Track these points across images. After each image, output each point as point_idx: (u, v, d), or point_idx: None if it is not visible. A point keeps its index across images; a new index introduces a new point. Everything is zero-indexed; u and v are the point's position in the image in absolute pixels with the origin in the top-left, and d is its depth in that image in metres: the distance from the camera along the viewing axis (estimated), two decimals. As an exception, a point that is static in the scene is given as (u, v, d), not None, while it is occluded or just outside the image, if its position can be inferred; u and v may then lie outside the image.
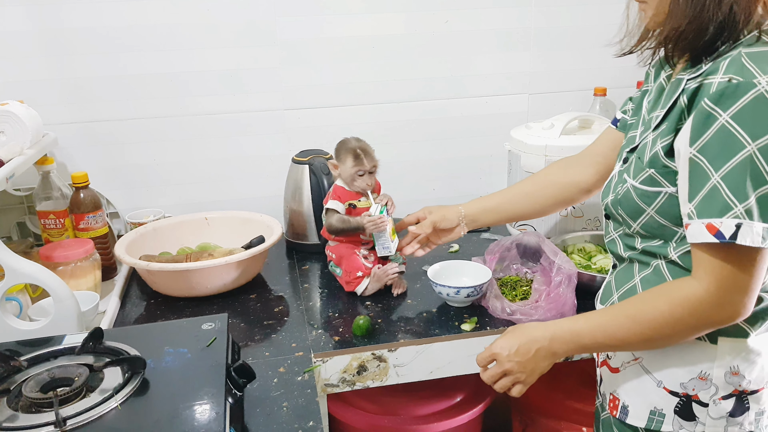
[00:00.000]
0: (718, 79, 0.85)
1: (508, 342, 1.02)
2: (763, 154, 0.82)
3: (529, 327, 1.04)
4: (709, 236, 0.85)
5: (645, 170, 0.97)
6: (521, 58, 1.83)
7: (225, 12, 1.64)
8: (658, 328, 0.92)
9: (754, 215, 0.83)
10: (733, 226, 0.83)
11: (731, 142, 0.83)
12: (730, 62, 0.85)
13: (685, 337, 0.94)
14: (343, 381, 1.21)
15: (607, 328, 0.96)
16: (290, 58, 1.71)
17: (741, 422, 0.99)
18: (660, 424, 1.01)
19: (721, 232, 0.84)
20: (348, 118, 1.79)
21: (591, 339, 0.97)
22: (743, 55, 0.85)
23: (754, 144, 0.82)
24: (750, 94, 0.82)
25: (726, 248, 0.85)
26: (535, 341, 1.00)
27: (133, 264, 1.38)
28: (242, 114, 1.74)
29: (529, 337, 1.01)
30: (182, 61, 1.66)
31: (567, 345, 0.99)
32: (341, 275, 1.43)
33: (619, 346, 0.99)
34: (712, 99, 0.85)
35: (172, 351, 1.00)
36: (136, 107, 1.68)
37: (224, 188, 1.79)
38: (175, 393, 0.90)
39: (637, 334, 0.94)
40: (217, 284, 1.40)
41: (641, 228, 1.00)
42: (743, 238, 0.83)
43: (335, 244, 1.44)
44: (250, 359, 1.15)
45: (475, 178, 1.94)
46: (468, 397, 1.58)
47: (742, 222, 0.83)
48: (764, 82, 0.82)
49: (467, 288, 1.31)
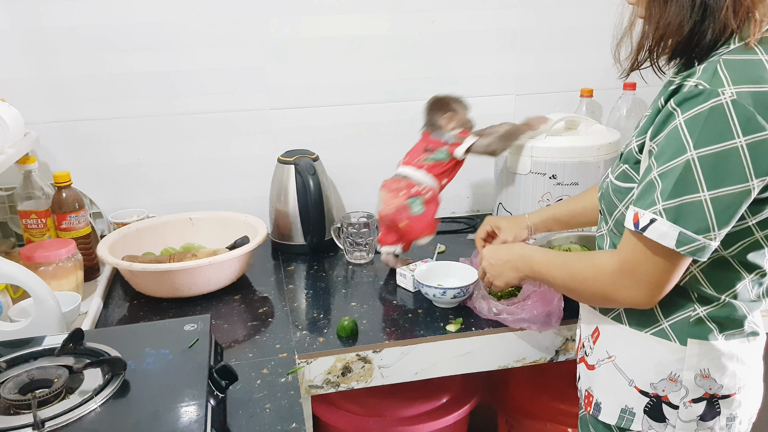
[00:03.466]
0: (691, 82, 0.86)
1: (494, 249, 1.23)
2: (701, 163, 0.83)
3: (514, 245, 1.28)
4: (631, 223, 0.90)
5: (620, 166, 1.00)
6: (508, 59, 1.83)
7: (211, 11, 1.63)
8: (572, 280, 1.03)
9: (669, 215, 0.85)
10: (648, 220, 0.87)
11: (677, 144, 0.85)
12: (705, 67, 0.86)
13: (590, 299, 1.05)
14: (327, 382, 1.21)
15: (550, 264, 1.08)
16: (276, 57, 1.70)
17: (712, 426, 0.99)
18: (630, 423, 1.02)
19: (639, 222, 0.88)
20: (334, 118, 1.79)
21: (539, 267, 1.10)
22: (720, 62, 0.85)
23: (695, 151, 0.83)
24: (709, 103, 0.82)
25: (638, 237, 0.90)
26: (509, 253, 1.18)
27: (115, 264, 1.36)
28: (228, 114, 1.72)
29: (508, 249, 1.21)
30: (167, 60, 1.64)
31: (525, 265, 1.14)
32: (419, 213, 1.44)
33: (551, 282, 1.09)
34: (676, 100, 0.87)
35: (154, 352, 0.99)
36: (120, 106, 1.66)
37: (209, 188, 1.77)
38: (156, 395, 0.89)
39: (561, 278, 1.05)
40: (201, 285, 1.39)
41: (614, 225, 1.01)
42: (651, 232, 0.87)
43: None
44: (233, 360, 1.14)
45: (463, 178, 1.93)
46: (454, 398, 1.57)
47: (656, 218, 0.86)
48: (729, 93, 0.81)
49: (453, 289, 1.31)
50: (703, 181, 0.83)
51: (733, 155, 0.81)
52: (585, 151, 1.46)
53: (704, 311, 0.96)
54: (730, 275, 0.94)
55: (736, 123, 0.81)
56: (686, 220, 0.85)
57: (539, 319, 1.22)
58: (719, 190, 0.83)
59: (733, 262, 0.93)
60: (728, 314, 0.96)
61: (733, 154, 0.81)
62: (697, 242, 0.85)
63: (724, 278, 0.95)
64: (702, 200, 0.83)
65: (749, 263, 0.93)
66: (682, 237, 0.85)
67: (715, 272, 0.94)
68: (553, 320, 1.22)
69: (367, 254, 1.60)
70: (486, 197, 1.91)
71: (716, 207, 0.83)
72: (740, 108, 0.81)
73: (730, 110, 0.81)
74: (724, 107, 0.81)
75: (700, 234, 0.85)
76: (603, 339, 1.07)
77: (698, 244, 0.85)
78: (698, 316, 0.96)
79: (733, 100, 0.81)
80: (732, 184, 0.83)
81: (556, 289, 1.12)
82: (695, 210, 0.84)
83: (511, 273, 1.16)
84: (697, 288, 0.95)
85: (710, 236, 0.85)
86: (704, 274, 0.94)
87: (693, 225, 0.84)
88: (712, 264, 0.92)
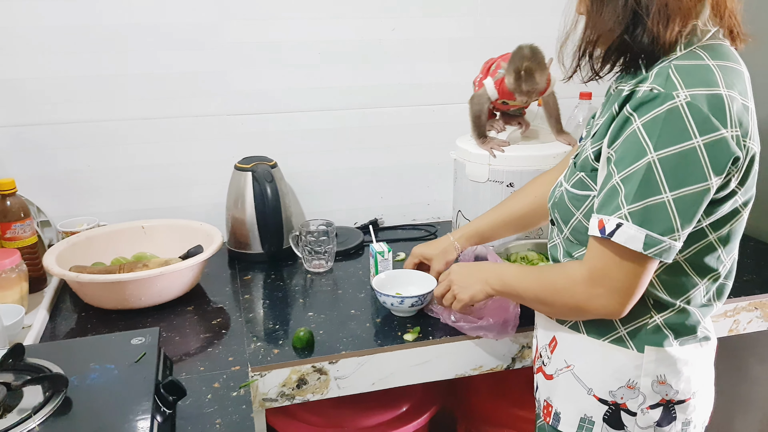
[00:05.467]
0: (644, 87, 0.87)
1: (463, 264, 1.23)
2: (663, 165, 0.84)
3: (484, 262, 1.27)
4: (596, 230, 0.90)
5: (576, 173, 1.00)
6: (467, 67, 1.83)
7: (168, 14, 1.59)
8: (543, 292, 1.01)
9: (635, 219, 0.86)
10: (614, 225, 0.87)
11: (637, 148, 0.86)
12: (657, 73, 0.88)
13: (563, 312, 1.03)
14: (282, 395, 1.18)
15: (521, 276, 1.07)
16: (235, 62, 1.67)
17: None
18: (589, 431, 1.02)
19: (605, 228, 0.88)
20: (293, 124, 1.76)
21: (510, 280, 1.09)
22: (672, 67, 0.87)
23: (655, 153, 0.84)
24: (666, 106, 0.84)
25: (606, 243, 0.90)
26: (479, 268, 1.18)
27: (61, 275, 1.31)
28: (183, 119, 1.68)
29: (478, 264, 1.22)
30: (120, 63, 1.60)
31: (495, 278, 1.12)
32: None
33: (521, 295, 1.08)
34: (632, 105, 0.88)
35: (98, 367, 0.95)
36: (69, 111, 1.60)
37: (163, 195, 1.73)
38: (99, 412, 0.86)
39: (533, 290, 1.03)
40: (153, 296, 1.35)
41: (571, 233, 1.02)
42: (618, 236, 0.87)
43: None
44: (183, 375, 1.11)
45: (423, 186, 1.93)
46: (414, 406, 1.56)
47: (622, 223, 0.86)
48: (683, 96, 0.83)
49: (411, 297, 1.30)
50: (665, 182, 0.84)
51: (691, 155, 0.83)
52: (542, 159, 1.47)
53: (660, 318, 0.97)
54: (685, 280, 0.96)
55: (693, 124, 0.83)
56: (652, 222, 0.85)
57: (496, 327, 1.22)
58: (681, 190, 0.84)
59: (687, 267, 0.95)
60: (683, 320, 0.98)
61: (692, 154, 0.83)
62: (663, 243, 0.86)
63: (679, 283, 0.96)
64: (665, 201, 0.84)
65: (703, 266, 0.95)
66: (649, 239, 0.86)
67: (670, 278, 0.95)
68: (509, 328, 1.22)
69: (326, 262, 1.58)
70: (446, 204, 1.91)
71: (679, 207, 0.85)
72: (695, 109, 0.83)
73: (686, 112, 0.83)
74: (680, 109, 0.83)
75: (666, 235, 0.86)
76: (561, 348, 1.07)
77: (664, 245, 0.86)
78: (655, 323, 0.97)
79: (687, 102, 0.83)
80: (693, 184, 0.84)
81: (526, 302, 1.09)
82: (660, 211, 0.85)
83: (479, 286, 1.14)
84: (654, 294, 0.96)
85: (675, 236, 0.86)
86: (660, 281, 0.95)
87: (658, 227, 0.85)
88: (668, 269, 0.94)
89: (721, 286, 1.00)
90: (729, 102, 0.84)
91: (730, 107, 0.84)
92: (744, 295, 1.42)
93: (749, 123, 0.87)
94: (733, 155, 0.85)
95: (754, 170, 0.91)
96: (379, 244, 1.47)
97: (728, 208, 0.91)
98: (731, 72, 0.88)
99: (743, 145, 0.86)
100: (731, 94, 0.85)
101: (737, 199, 0.91)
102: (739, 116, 0.85)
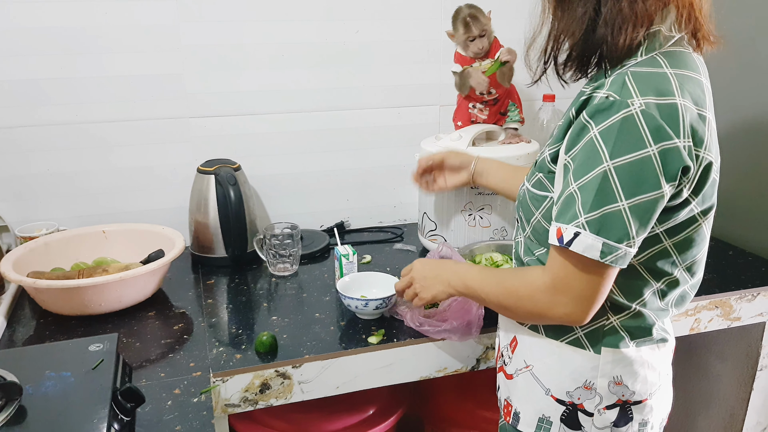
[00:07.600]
0: (601, 93, 0.88)
1: (426, 261, 1.22)
2: (618, 173, 0.85)
3: (446, 261, 1.24)
4: (554, 239, 0.90)
5: (536, 174, 1.01)
6: (432, 70, 1.85)
7: (124, 16, 1.56)
8: (506, 298, 1.01)
9: (592, 228, 0.87)
10: (572, 234, 0.88)
11: (593, 156, 0.87)
12: (614, 79, 0.88)
13: (525, 317, 1.04)
14: (244, 400, 1.17)
15: (484, 281, 1.07)
16: (194, 64, 1.65)
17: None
18: (547, 431, 1.03)
19: (563, 237, 0.89)
20: (257, 126, 1.75)
21: (472, 284, 1.08)
22: (628, 74, 0.87)
23: (611, 162, 0.85)
24: (621, 114, 0.85)
25: (565, 252, 0.90)
26: (442, 268, 1.17)
27: (18, 281, 1.28)
28: (144, 122, 1.66)
29: (440, 263, 1.19)
30: (78, 66, 1.57)
31: (458, 280, 1.12)
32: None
33: (484, 300, 1.08)
34: (588, 112, 0.89)
35: (54, 375, 0.94)
36: (27, 114, 1.57)
37: (124, 199, 1.70)
38: (55, 421, 0.85)
39: (495, 295, 1.03)
40: (112, 302, 1.32)
41: (531, 233, 1.03)
42: (576, 246, 0.88)
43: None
44: (143, 381, 1.10)
45: (389, 188, 1.93)
46: (380, 410, 1.56)
47: (580, 232, 0.87)
48: (638, 104, 0.84)
49: (375, 300, 1.30)
50: (620, 190, 0.85)
51: (646, 163, 0.84)
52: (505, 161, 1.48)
53: (617, 320, 0.98)
54: (639, 283, 0.97)
55: (647, 132, 0.83)
56: (608, 231, 0.86)
57: (459, 329, 1.23)
58: (636, 198, 0.85)
59: (642, 270, 0.96)
60: (639, 323, 0.99)
61: (647, 162, 0.84)
62: (618, 251, 0.87)
63: (634, 286, 0.97)
64: (621, 209, 0.85)
65: (657, 270, 0.96)
66: (606, 247, 0.86)
67: (625, 281, 0.96)
68: (473, 330, 1.23)
69: (291, 266, 1.58)
70: (411, 207, 1.92)
71: (634, 214, 0.86)
72: (649, 118, 0.83)
73: (641, 120, 0.83)
74: (635, 117, 0.83)
75: (622, 242, 0.87)
76: (521, 348, 1.08)
77: (620, 252, 0.87)
78: (611, 324, 0.98)
79: (642, 111, 0.83)
80: (647, 191, 0.85)
81: (489, 306, 1.09)
82: (616, 219, 0.86)
83: (440, 287, 1.14)
84: (610, 297, 0.97)
85: (630, 243, 0.87)
86: (616, 284, 0.96)
87: (614, 234, 0.86)
88: (623, 273, 0.95)
89: (683, 294, 1.02)
90: (683, 111, 0.85)
91: (684, 117, 0.85)
92: (704, 294, 1.44)
93: (705, 133, 0.87)
94: (683, 164, 0.85)
95: (711, 180, 0.91)
96: (344, 247, 1.47)
97: (684, 216, 0.92)
98: (689, 81, 0.88)
99: (695, 156, 0.87)
100: (686, 103, 0.85)
101: (693, 208, 0.92)
102: (692, 126, 0.85)
